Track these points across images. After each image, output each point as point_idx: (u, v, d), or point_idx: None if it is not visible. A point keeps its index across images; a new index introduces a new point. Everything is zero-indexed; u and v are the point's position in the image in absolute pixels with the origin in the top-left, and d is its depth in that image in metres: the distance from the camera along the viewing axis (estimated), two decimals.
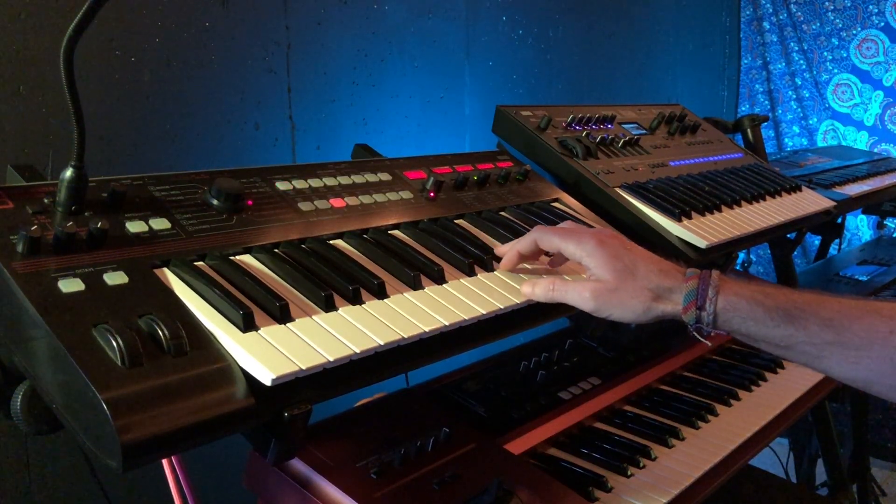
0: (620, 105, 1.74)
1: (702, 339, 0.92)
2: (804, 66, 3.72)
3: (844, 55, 3.62)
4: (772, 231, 1.51)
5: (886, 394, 0.85)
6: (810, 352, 0.87)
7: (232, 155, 1.71)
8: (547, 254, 1.04)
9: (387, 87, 2.06)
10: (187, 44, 1.60)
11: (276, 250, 0.89)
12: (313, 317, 0.79)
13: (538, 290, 0.95)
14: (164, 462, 0.94)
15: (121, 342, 0.65)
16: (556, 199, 1.30)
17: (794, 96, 3.77)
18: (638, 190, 1.38)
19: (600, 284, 0.92)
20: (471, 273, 0.98)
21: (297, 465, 0.89)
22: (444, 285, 0.93)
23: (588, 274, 0.95)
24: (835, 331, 0.86)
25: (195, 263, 0.81)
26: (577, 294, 0.93)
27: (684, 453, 1.13)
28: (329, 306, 0.81)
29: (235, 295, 0.77)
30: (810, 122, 3.76)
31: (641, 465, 1.08)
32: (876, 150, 3.52)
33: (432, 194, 1.13)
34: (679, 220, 1.32)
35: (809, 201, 1.72)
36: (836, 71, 3.65)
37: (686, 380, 1.39)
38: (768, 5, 3.74)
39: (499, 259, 1.02)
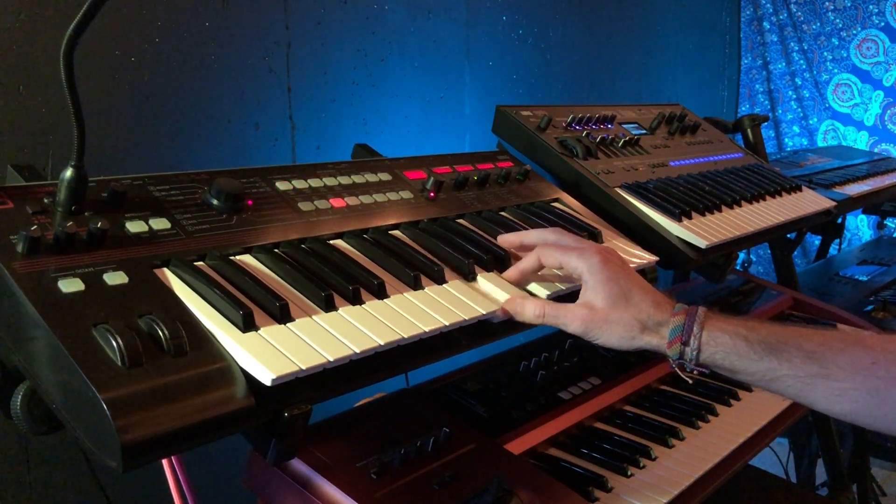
0: (620, 105, 1.74)
1: (682, 375, 0.93)
2: (804, 66, 3.71)
3: (844, 55, 3.62)
4: (772, 231, 1.51)
5: (872, 424, 0.86)
6: (795, 385, 0.88)
7: (232, 155, 1.71)
8: None
9: (387, 87, 2.06)
10: (187, 44, 1.60)
11: (276, 250, 0.89)
12: (313, 317, 0.79)
13: (527, 311, 0.95)
14: (164, 462, 0.94)
15: (121, 342, 0.65)
16: (557, 199, 1.30)
17: (795, 96, 3.77)
18: (638, 190, 1.38)
19: (590, 312, 0.93)
20: (471, 273, 0.98)
21: (297, 465, 0.89)
22: (444, 285, 0.93)
23: (583, 289, 0.96)
24: (818, 363, 0.86)
25: (195, 263, 0.81)
26: (566, 320, 0.94)
27: (684, 453, 1.13)
28: (329, 306, 0.81)
29: (235, 295, 0.77)
30: (810, 122, 3.76)
31: (641, 465, 1.08)
32: (876, 150, 3.52)
33: (432, 194, 1.13)
34: (679, 220, 1.32)
35: (809, 201, 1.72)
36: (836, 71, 3.65)
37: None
38: (768, 5, 3.74)
39: (504, 253, 1.03)
